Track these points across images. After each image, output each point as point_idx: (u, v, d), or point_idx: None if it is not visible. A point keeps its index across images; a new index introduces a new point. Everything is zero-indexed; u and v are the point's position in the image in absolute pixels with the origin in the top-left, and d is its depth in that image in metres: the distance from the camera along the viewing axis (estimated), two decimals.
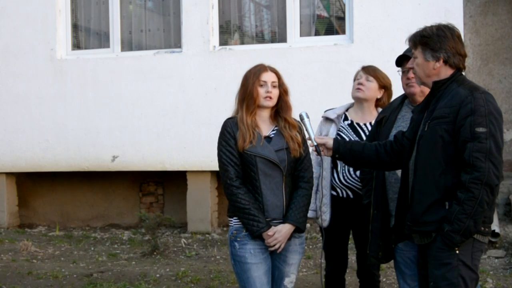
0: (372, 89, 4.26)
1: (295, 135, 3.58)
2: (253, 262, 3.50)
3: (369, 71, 4.30)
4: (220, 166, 3.56)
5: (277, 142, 3.55)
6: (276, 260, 3.59)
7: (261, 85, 3.53)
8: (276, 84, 3.58)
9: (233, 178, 3.49)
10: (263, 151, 3.48)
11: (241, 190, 3.48)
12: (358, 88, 4.27)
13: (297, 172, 3.60)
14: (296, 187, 3.60)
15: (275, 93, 3.56)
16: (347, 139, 4.15)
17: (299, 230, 3.57)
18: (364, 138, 4.12)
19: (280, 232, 3.49)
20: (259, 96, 3.52)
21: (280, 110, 3.61)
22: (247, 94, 3.53)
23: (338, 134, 4.24)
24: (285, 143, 3.55)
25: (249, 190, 3.51)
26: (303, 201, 3.58)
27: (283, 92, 3.61)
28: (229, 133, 3.52)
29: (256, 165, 3.47)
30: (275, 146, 3.53)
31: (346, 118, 4.33)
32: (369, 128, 4.19)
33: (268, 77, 3.55)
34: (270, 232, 3.47)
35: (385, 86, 4.29)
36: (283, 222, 3.53)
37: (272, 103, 3.56)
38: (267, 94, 3.53)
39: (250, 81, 3.54)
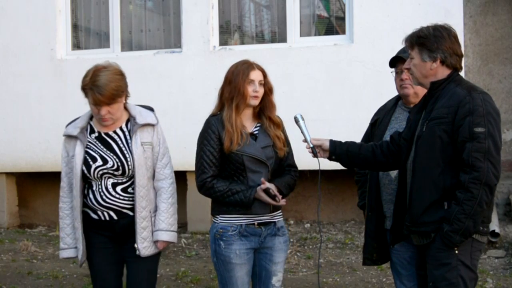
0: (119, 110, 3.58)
1: (280, 134, 3.59)
2: (238, 263, 3.51)
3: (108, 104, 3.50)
4: (197, 166, 3.55)
5: (263, 139, 3.56)
6: (262, 260, 3.60)
7: (249, 83, 3.51)
8: (262, 82, 3.57)
9: (207, 178, 3.50)
10: (250, 150, 3.48)
11: (214, 180, 3.50)
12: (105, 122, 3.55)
13: (284, 167, 3.64)
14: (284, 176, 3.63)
15: (261, 92, 3.56)
16: (96, 155, 3.54)
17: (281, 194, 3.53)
18: (116, 148, 3.57)
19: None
20: (248, 95, 3.50)
21: (265, 108, 3.60)
22: (237, 93, 3.50)
23: (86, 151, 3.55)
24: (270, 140, 3.56)
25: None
26: (289, 180, 3.60)
27: (268, 90, 3.60)
28: (213, 132, 3.51)
29: (244, 163, 3.48)
30: (262, 143, 3.54)
31: (92, 131, 3.63)
32: (120, 135, 3.60)
33: (256, 75, 3.54)
34: (262, 186, 3.45)
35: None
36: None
37: (257, 102, 3.56)
38: (254, 94, 3.52)
39: (240, 79, 3.50)
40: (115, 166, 3.52)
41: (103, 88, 3.43)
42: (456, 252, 3.03)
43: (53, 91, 8.11)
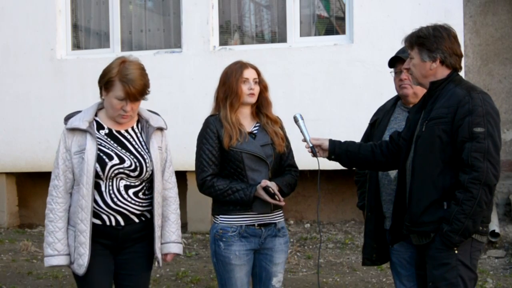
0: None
1: (278, 130, 3.61)
2: (237, 264, 3.51)
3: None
4: (197, 165, 3.56)
5: (262, 138, 3.58)
6: (262, 260, 3.60)
7: (243, 82, 3.54)
8: (257, 80, 3.60)
9: (207, 177, 3.51)
10: (249, 147, 3.50)
11: (215, 179, 3.51)
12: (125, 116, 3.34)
13: (284, 166, 3.64)
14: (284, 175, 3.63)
15: (257, 89, 3.59)
16: (111, 152, 3.27)
17: (282, 194, 3.52)
18: (131, 147, 3.35)
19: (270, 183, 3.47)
20: (243, 93, 3.53)
21: (261, 106, 3.63)
22: (231, 92, 3.53)
23: (99, 147, 3.26)
24: (269, 138, 3.58)
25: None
26: (290, 179, 3.59)
27: (263, 88, 3.63)
28: (212, 131, 3.53)
29: (243, 161, 3.49)
30: (261, 141, 3.56)
31: (101, 127, 3.36)
32: (133, 135, 3.41)
33: (250, 73, 3.58)
34: (262, 184, 3.44)
35: None
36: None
37: (254, 99, 3.59)
38: (250, 91, 3.55)
39: (233, 78, 3.54)
40: (133, 166, 3.26)
41: (136, 82, 3.20)
42: (456, 252, 3.03)
43: (53, 91, 8.12)
